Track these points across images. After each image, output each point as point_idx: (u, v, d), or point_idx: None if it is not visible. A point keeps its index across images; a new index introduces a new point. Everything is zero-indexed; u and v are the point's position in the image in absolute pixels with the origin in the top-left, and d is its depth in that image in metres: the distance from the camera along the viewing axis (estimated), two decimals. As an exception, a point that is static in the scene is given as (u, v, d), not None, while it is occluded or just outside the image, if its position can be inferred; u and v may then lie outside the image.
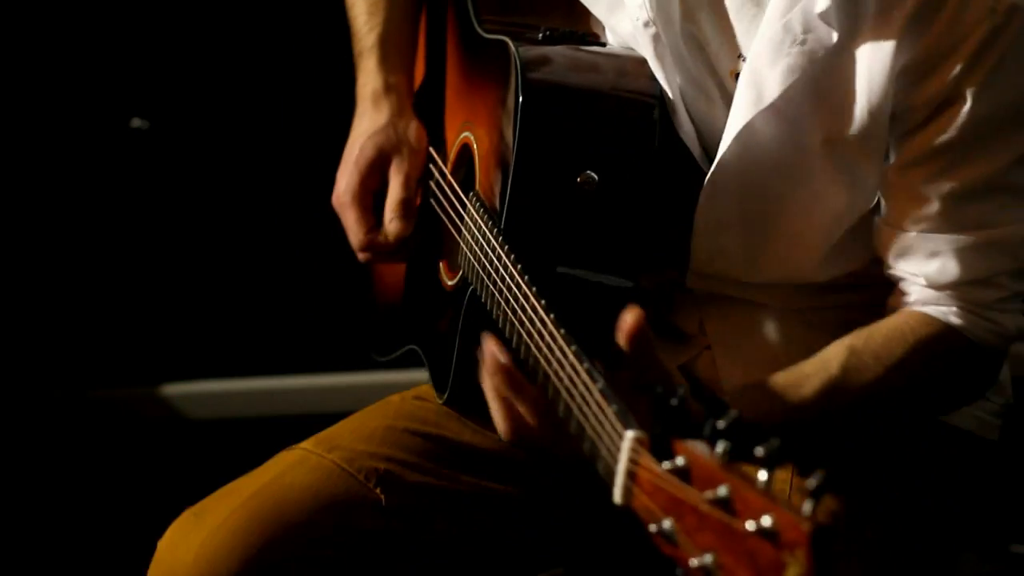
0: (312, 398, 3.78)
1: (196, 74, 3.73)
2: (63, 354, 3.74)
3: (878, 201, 2.04)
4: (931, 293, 2.00)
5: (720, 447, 1.39)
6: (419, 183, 2.29)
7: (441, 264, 2.24)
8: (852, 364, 1.95)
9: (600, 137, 2.02)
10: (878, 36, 1.93)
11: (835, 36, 1.93)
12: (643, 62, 2.06)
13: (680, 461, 1.42)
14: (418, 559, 2.13)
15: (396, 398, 2.25)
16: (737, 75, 2.01)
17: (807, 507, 1.28)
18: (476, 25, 2.24)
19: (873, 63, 1.94)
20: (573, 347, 1.69)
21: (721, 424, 1.40)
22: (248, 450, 3.72)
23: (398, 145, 2.27)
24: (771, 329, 2.12)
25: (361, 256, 2.30)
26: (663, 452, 1.45)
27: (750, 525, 1.30)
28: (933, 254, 1.98)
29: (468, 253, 2.07)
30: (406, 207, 2.25)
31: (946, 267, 1.98)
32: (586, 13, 2.23)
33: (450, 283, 2.19)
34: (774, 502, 1.30)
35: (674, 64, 2.04)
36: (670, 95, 2.04)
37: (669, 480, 1.41)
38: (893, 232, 2.01)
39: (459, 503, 2.14)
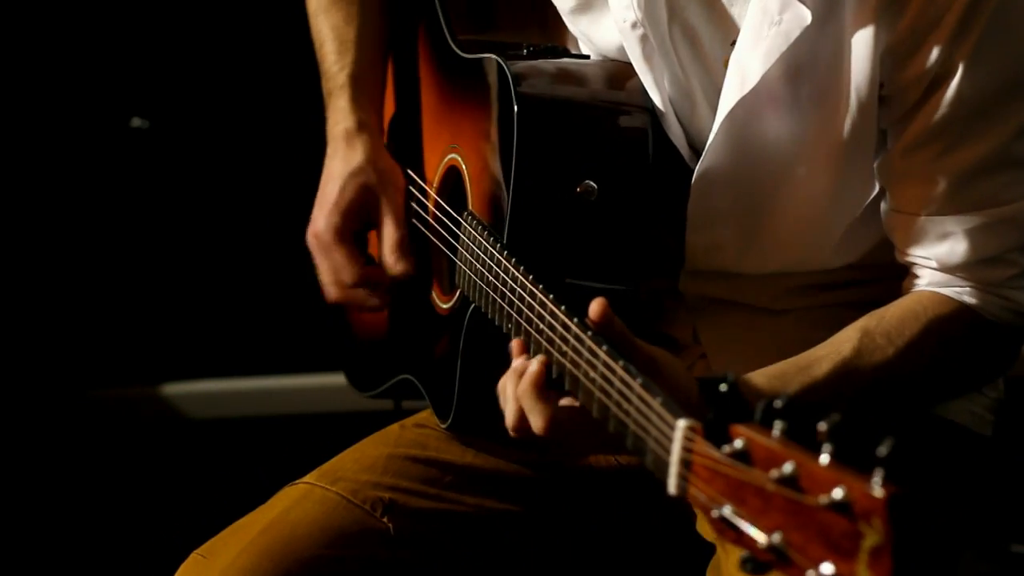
0: (312, 398, 3.78)
1: (196, 74, 3.73)
2: (63, 354, 3.74)
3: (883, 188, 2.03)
4: (943, 276, 1.98)
5: (778, 427, 1.38)
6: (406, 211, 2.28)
7: (433, 289, 2.24)
8: (865, 345, 1.92)
9: (596, 146, 2.02)
10: (858, 16, 1.91)
11: (808, 16, 1.90)
12: (630, 70, 2.06)
13: (739, 444, 1.41)
14: None
15: (396, 427, 2.22)
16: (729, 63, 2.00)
17: (878, 476, 1.27)
18: (454, 47, 2.23)
19: (857, 45, 1.92)
20: (604, 347, 1.69)
21: (778, 404, 1.39)
22: (248, 450, 3.75)
23: (382, 184, 2.25)
24: (765, 334, 2.10)
25: (343, 295, 2.26)
26: (719, 437, 1.44)
27: (822, 499, 1.29)
28: (943, 236, 1.96)
29: (468, 271, 2.06)
30: (405, 246, 2.23)
31: (956, 248, 1.96)
32: (561, 28, 2.22)
33: (445, 306, 2.18)
34: (843, 473, 1.29)
35: (662, 65, 2.03)
36: (659, 99, 2.03)
37: (729, 464, 1.40)
38: (902, 218, 1.99)
39: (465, 525, 2.13)
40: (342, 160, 2.26)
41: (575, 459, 2.17)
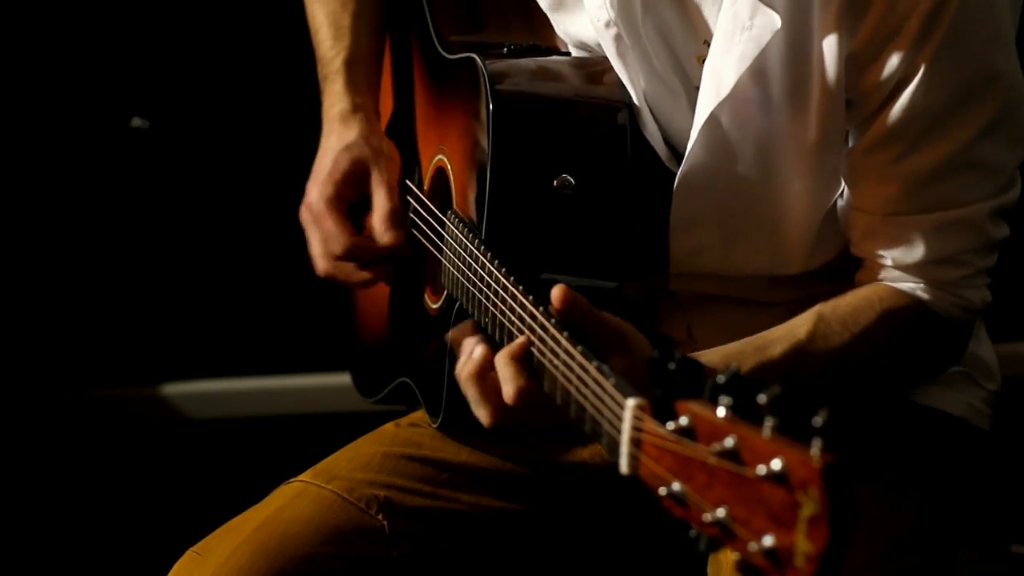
0: (312, 398, 3.78)
1: (196, 74, 3.73)
2: (63, 354, 3.74)
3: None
4: (897, 272, 2.01)
5: (724, 402, 1.39)
6: (400, 195, 2.29)
7: (425, 290, 2.25)
8: (820, 330, 1.95)
9: (574, 141, 2.03)
10: (822, 21, 1.92)
11: (778, 20, 1.91)
12: (608, 65, 2.07)
13: (684, 421, 1.41)
14: None
15: (391, 426, 2.24)
16: (703, 61, 2.01)
17: (816, 445, 1.27)
18: (439, 48, 2.25)
19: (824, 49, 1.93)
20: (565, 333, 1.70)
21: (721, 379, 1.39)
22: (248, 450, 3.75)
23: (375, 157, 2.26)
24: (757, 328, 2.08)
25: (331, 267, 2.27)
26: (666, 415, 1.44)
27: (760, 470, 1.29)
28: (899, 237, 1.98)
29: (452, 270, 2.07)
30: (396, 216, 2.24)
31: (912, 248, 1.98)
32: (548, 28, 2.23)
33: (434, 306, 2.19)
34: (781, 444, 1.28)
35: (637, 62, 2.03)
36: (634, 96, 2.04)
37: (675, 440, 1.41)
38: (860, 216, 2.01)
39: (461, 523, 2.14)
40: (337, 137, 2.28)
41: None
